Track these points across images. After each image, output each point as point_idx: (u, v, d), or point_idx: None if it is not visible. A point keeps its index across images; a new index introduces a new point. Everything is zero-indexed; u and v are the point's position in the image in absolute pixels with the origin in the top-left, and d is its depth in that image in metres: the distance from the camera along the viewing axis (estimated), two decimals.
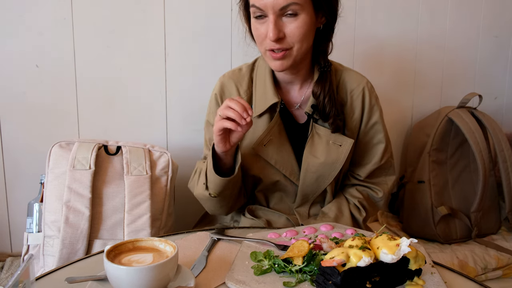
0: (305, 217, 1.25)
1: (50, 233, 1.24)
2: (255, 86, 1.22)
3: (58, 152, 1.30)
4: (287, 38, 1.06)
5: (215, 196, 1.14)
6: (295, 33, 1.06)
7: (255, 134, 1.19)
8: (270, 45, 1.07)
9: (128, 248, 0.78)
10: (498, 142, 1.82)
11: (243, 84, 1.23)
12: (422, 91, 2.03)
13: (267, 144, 1.18)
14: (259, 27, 1.08)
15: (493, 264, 1.68)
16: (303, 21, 1.05)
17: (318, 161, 1.17)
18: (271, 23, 1.04)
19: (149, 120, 1.63)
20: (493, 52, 2.13)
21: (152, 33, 1.58)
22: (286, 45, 1.07)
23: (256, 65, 1.25)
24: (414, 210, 1.86)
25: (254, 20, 1.09)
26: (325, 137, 1.18)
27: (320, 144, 1.18)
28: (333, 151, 1.18)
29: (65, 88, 1.54)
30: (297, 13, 1.04)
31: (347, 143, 1.18)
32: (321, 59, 1.17)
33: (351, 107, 1.21)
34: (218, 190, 1.13)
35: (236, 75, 1.24)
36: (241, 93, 1.22)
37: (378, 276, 0.77)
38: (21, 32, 1.47)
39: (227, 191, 1.14)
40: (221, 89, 1.24)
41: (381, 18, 1.88)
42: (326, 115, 1.16)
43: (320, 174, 1.19)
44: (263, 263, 0.85)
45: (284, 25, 1.05)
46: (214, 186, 1.12)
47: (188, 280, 0.77)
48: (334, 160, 1.18)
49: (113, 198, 1.25)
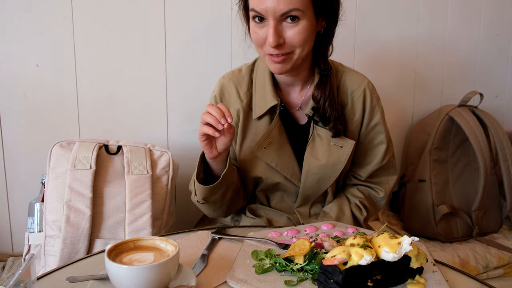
0: (306, 217, 1.24)
1: (51, 233, 1.24)
2: (255, 88, 1.20)
3: (59, 152, 1.30)
4: (287, 43, 1.04)
5: (203, 203, 1.15)
6: (295, 38, 1.03)
7: (256, 136, 1.19)
8: (269, 50, 1.05)
9: (129, 247, 0.78)
10: (499, 141, 1.81)
11: (242, 85, 1.21)
12: (423, 90, 2.03)
13: (267, 146, 1.17)
14: (258, 31, 1.06)
15: (494, 263, 1.68)
16: (304, 27, 1.03)
17: (320, 163, 1.17)
18: (272, 29, 1.01)
19: (149, 120, 1.63)
20: (494, 50, 2.13)
21: (153, 33, 1.58)
22: (286, 50, 1.05)
23: (256, 65, 1.23)
24: (415, 209, 1.86)
25: (253, 24, 1.07)
26: (326, 138, 1.17)
27: (321, 145, 1.17)
28: (334, 152, 1.17)
29: (65, 88, 1.54)
30: (298, 18, 1.02)
31: (348, 145, 1.17)
32: (321, 62, 1.16)
33: (352, 108, 1.20)
34: (204, 197, 1.13)
35: (236, 76, 1.23)
36: (240, 95, 1.21)
37: (380, 274, 0.77)
38: (22, 32, 1.47)
39: (214, 197, 1.14)
40: (221, 91, 1.23)
41: (381, 19, 1.88)
42: (326, 119, 1.15)
43: (322, 176, 1.18)
44: (264, 262, 0.85)
45: (284, 30, 1.03)
46: (199, 193, 1.13)
47: (189, 279, 0.77)
48: (335, 162, 1.17)
49: (114, 198, 1.25)
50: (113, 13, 1.53)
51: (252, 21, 1.07)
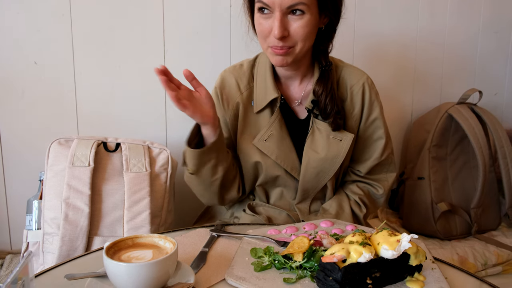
0: (306, 214, 1.25)
1: (50, 230, 1.24)
2: (256, 82, 1.22)
3: (57, 149, 1.29)
4: (291, 36, 1.07)
5: (192, 173, 1.13)
6: (299, 32, 1.06)
7: (256, 129, 1.20)
8: (273, 42, 1.08)
9: (128, 244, 0.77)
10: (498, 138, 1.81)
11: (243, 79, 1.23)
12: (422, 87, 2.02)
13: (268, 139, 1.18)
14: (263, 22, 1.08)
15: (493, 260, 1.69)
16: (308, 21, 1.06)
17: (319, 156, 1.18)
18: (277, 21, 1.04)
19: (148, 117, 1.63)
20: (493, 48, 2.13)
21: (151, 30, 1.57)
22: (289, 43, 1.07)
23: (257, 61, 1.26)
24: (414, 207, 1.86)
25: (258, 15, 1.09)
26: (325, 132, 1.18)
27: (320, 139, 1.18)
28: (333, 146, 1.18)
29: (63, 85, 1.53)
30: (303, 12, 1.05)
31: (347, 138, 1.18)
32: (322, 59, 1.18)
33: (351, 103, 1.22)
34: (194, 165, 1.10)
35: (237, 70, 1.25)
36: (241, 88, 1.22)
37: (379, 272, 0.76)
38: (20, 29, 1.46)
39: (204, 170, 1.11)
40: (222, 83, 1.24)
41: (381, 15, 1.87)
42: (327, 114, 1.16)
43: (321, 169, 1.19)
44: (263, 259, 0.85)
45: (289, 23, 1.06)
46: (189, 160, 1.10)
47: (188, 276, 0.77)
48: (334, 155, 1.18)
49: (113, 195, 1.25)
50: (111, 10, 1.52)
51: (258, 12, 1.09)
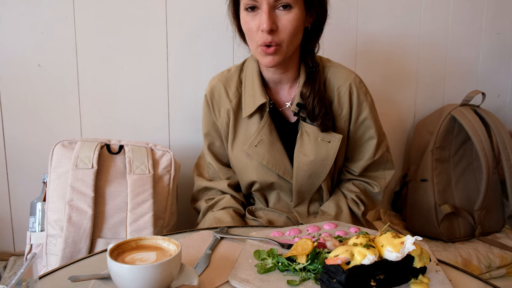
0: (305, 216, 1.25)
1: (53, 232, 1.24)
2: (244, 87, 1.22)
3: (61, 151, 1.29)
4: (279, 31, 1.07)
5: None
6: (287, 26, 1.06)
7: (247, 135, 1.20)
8: (262, 38, 1.07)
9: (131, 246, 0.77)
10: (501, 140, 1.81)
11: (231, 85, 1.24)
12: (425, 89, 2.02)
13: (258, 144, 1.18)
14: (250, 20, 1.08)
15: (497, 263, 1.68)
16: (296, 15, 1.06)
17: (308, 159, 1.17)
18: (265, 14, 1.04)
19: (151, 119, 1.63)
20: (496, 49, 2.12)
21: (154, 32, 1.57)
22: (278, 39, 1.07)
23: (245, 65, 1.26)
24: (417, 209, 1.85)
25: (245, 14, 1.09)
26: (313, 134, 1.18)
27: (309, 142, 1.18)
28: (322, 148, 1.18)
29: (67, 87, 1.54)
30: (290, 6, 1.06)
31: (335, 139, 1.18)
32: (309, 59, 1.18)
33: (338, 104, 1.21)
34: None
35: (225, 76, 1.26)
36: (229, 95, 1.23)
37: (383, 274, 0.76)
38: (23, 31, 1.47)
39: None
40: (211, 92, 1.26)
41: (383, 17, 1.87)
42: (315, 116, 1.16)
43: (312, 171, 1.19)
44: (266, 261, 0.85)
45: (277, 17, 1.06)
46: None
47: (192, 278, 0.76)
48: (324, 157, 1.18)
49: (116, 197, 1.25)
50: (114, 12, 1.53)
51: (244, 12, 1.09)
